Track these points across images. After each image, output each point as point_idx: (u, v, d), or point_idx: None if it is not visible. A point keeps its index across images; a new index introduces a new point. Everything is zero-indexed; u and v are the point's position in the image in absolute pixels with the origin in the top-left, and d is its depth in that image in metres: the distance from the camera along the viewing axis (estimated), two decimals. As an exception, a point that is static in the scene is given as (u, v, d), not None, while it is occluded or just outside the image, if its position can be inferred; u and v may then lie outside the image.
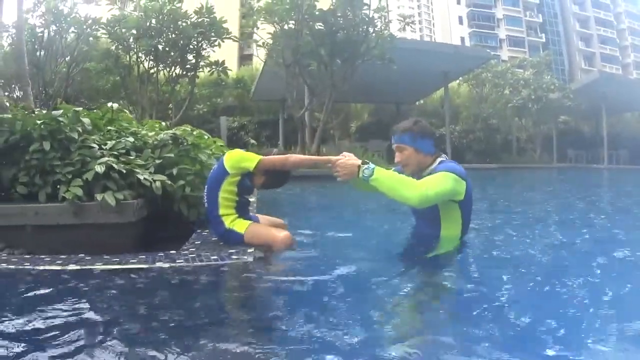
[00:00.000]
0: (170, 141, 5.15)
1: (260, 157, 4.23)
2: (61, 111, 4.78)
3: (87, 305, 2.62)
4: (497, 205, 9.31)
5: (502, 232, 5.42)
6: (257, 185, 4.49)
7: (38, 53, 19.30)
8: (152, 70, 20.12)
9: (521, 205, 9.57)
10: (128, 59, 20.24)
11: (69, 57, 19.99)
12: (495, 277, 3.38)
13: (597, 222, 6.85)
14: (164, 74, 20.54)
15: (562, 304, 2.77)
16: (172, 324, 2.41)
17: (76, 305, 2.62)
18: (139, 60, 19.97)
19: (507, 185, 17.49)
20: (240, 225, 4.24)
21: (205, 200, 4.34)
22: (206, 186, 4.37)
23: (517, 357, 2.05)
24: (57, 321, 2.35)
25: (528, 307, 2.70)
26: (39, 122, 4.60)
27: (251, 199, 4.90)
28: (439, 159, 4.03)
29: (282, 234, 4.15)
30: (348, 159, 3.83)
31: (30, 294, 2.88)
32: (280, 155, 4.46)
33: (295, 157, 4.46)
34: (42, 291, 2.93)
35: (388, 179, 3.66)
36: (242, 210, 4.41)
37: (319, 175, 12.25)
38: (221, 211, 4.23)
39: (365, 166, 3.70)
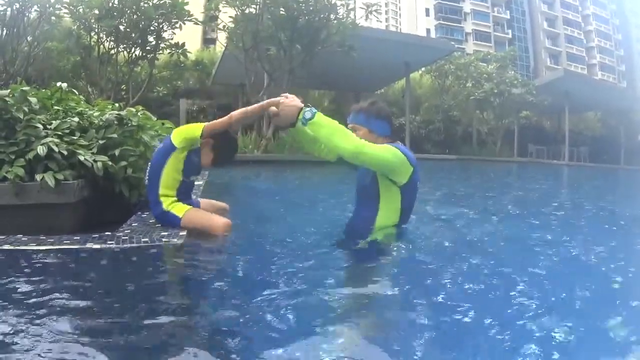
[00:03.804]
0: (115, 122, 5.12)
1: (204, 123, 4.28)
2: (8, 91, 4.75)
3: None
4: (448, 196, 9.39)
5: (446, 222, 5.46)
6: (205, 162, 4.50)
7: (0, 31, 18.88)
8: (112, 51, 19.86)
9: (471, 197, 9.71)
10: (89, 39, 19.93)
11: (30, 36, 19.56)
12: (430, 267, 3.37)
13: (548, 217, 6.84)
14: (124, 55, 20.30)
15: (493, 295, 2.83)
16: (85, 305, 2.44)
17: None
18: (99, 40, 19.65)
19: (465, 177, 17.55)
20: (178, 209, 4.30)
21: (147, 178, 4.37)
22: (150, 163, 4.41)
23: (452, 349, 2.09)
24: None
25: (462, 299, 2.67)
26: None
27: (198, 182, 4.90)
28: (393, 144, 3.94)
29: (221, 221, 4.22)
30: (290, 100, 3.69)
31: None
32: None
33: (237, 112, 4.37)
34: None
35: (328, 126, 3.58)
36: (184, 193, 4.47)
37: (275, 160, 12.33)
38: (161, 191, 4.28)
39: (307, 109, 3.61)
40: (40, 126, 4.65)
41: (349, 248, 3.86)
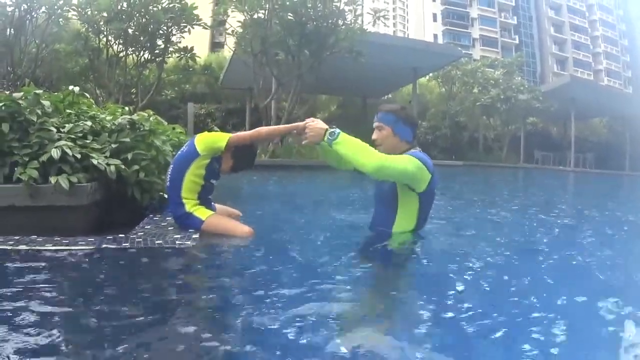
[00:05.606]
0: (127, 126, 5.17)
1: (230, 134, 4.38)
2: (22, 93, 4.78)
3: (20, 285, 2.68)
4: (460, 202, 9.36)
5: (460, 228, 5.45)
6: (224, 169, 4.59)
7: (7, 32, 18.89)
8: (120, 54, 19.93)
9: (485, 201, 9.68)
10: (97, 41, 20.01)
11: (38, 38, 19.57)
12: (443, 272, 3.36)
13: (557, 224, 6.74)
14: (133, 58, 20.36)
15: (503, 298, 2.81)
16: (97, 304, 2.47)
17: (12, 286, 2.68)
18: (108, 43, 19.73)
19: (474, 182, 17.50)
20: (202, 212, 4.37)
21: (168, 180, 4.43)
22: (171, 166, 4.46)
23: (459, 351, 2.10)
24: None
25: (478, 305, 2.66)
26: (-1, 103, 4.56)
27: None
28: (413, 150, 4.05)
29: (244, 229, 4.28)
30: (316, 123, 3.94)
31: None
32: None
33: (265, 129, 4.61)
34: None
35: (351, 144, 3.74)
36: (205, 196, 4.52)
37: (282, 164, 12.33)
38: (184, 194, 4.34)
39: (332, 130, 3.81)
40: (54, 129, 4.68)
41: (365, 252, 3.89)
